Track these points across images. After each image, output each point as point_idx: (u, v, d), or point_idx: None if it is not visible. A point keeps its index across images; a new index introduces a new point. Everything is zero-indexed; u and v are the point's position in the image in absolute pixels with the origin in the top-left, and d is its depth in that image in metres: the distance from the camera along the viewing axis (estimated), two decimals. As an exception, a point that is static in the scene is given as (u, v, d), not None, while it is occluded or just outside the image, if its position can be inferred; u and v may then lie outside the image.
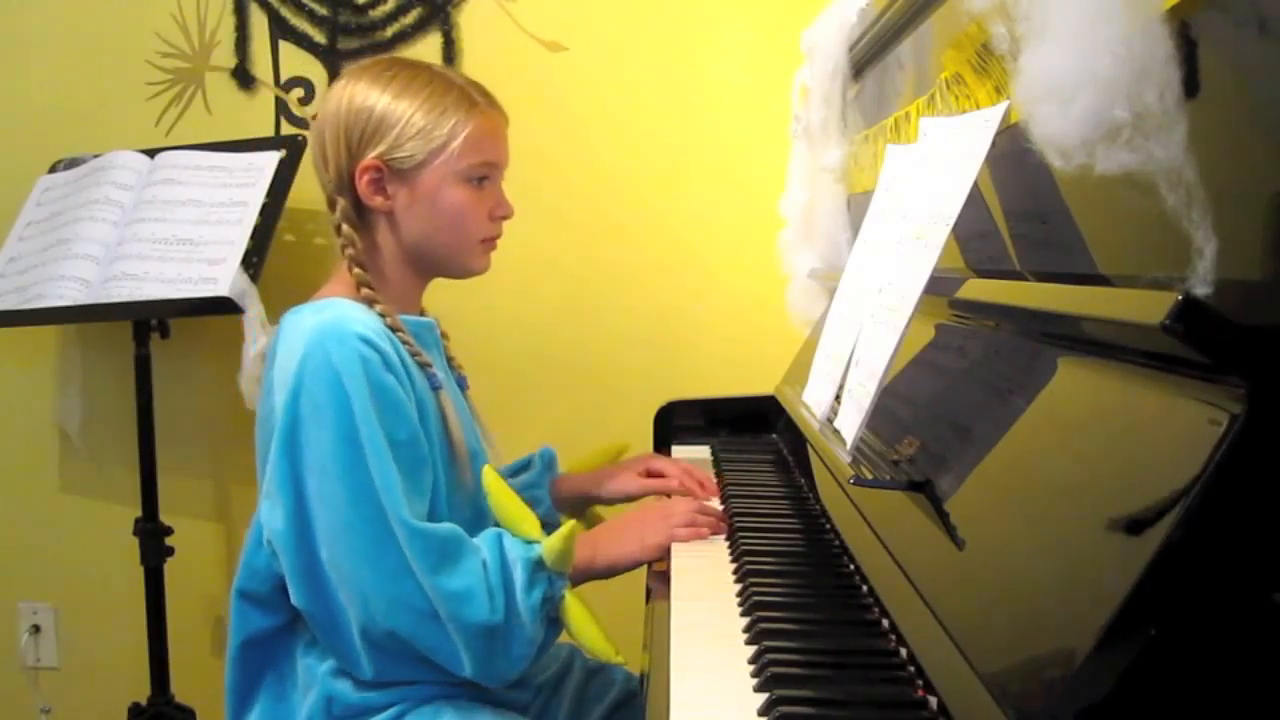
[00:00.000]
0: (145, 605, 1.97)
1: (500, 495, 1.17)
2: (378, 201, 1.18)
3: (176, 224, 1.92)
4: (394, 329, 1.17)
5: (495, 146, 1.23)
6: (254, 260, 1.89)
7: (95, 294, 1.88)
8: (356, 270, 1.18)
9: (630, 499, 1.45)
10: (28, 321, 1.95)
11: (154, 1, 2.12)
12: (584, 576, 1.17)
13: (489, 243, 1.25)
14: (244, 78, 2.12)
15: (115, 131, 2.11)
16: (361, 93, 1.17)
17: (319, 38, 2.10)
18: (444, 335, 1.32)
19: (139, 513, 1.98)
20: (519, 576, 1.09)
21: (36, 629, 2.24)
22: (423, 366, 1.19)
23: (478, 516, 1.21)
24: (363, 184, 1.17)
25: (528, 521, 1.15)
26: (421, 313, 1.29)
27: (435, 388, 1.19)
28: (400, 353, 1.14)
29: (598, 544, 1.20)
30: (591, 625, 1.13)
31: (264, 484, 1.11)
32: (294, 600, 1.10)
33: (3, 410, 2.22)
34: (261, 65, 2.13)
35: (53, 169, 2.10)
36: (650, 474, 1.43)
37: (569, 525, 1.12)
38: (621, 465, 1.48)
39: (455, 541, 1.08)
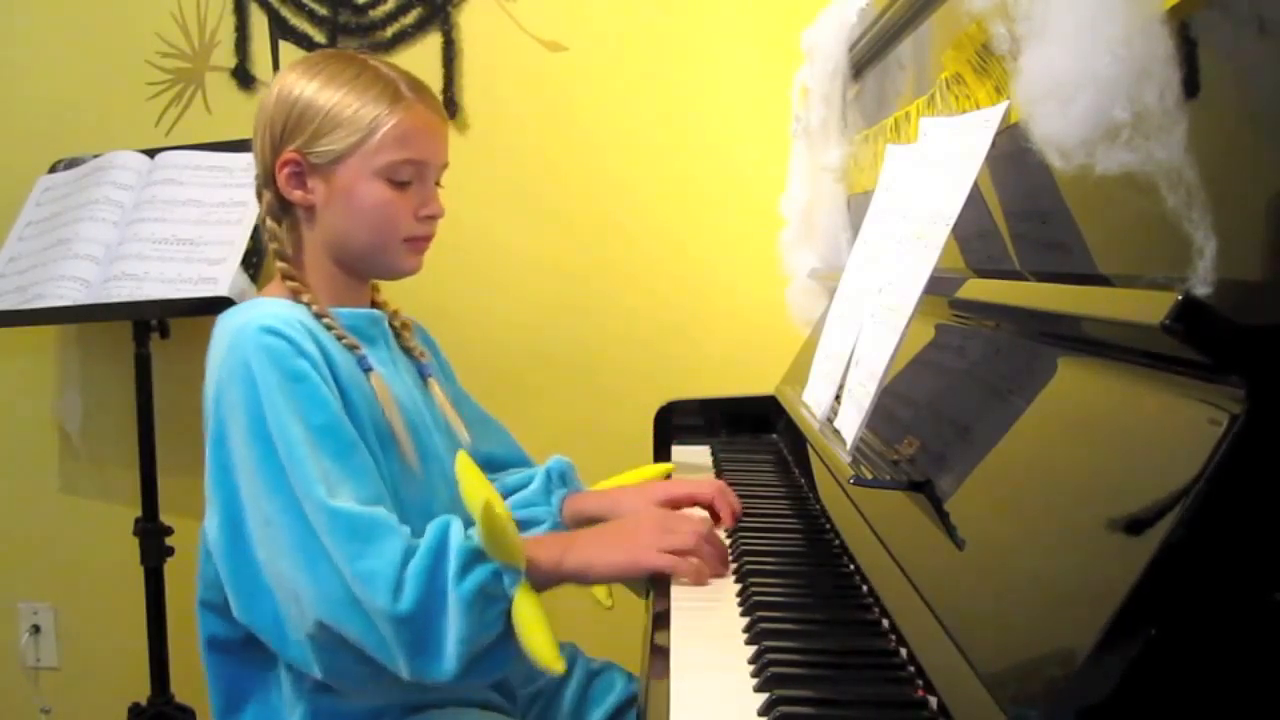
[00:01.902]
0: (145, 605, 1.96)
1: (468, 482, 1.09)
2: (297, 195, 1.16)
3: (176, 224, 1.92)
4: (319, 315, 1.15)
5: (421, 143, 1.18)
6: (254, 260, 1.89)
7: (95, 294, 1.88)
8: (280, 264, 1.17)
9: None
10: (28, 321, 1.94)
11: (154, 1, 2.12)
12: (551, 578, 1.06)
13: (415, 243, 1.20)
14: (244, 78, 2.12)
15: (115, 131, 2.11)
16: (290, 84, 1.16)
17: (319, 38, 2.10)
18: (404, 326, 1.29)
19: (139, 513, 1.98)
20: (451, 565, 1.00)
21: (36, 629, 2.24)
22: (350, 349, 1.15)
23: (429, 504, 1.16)
24: (282, 177, 1.16)
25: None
26: (373, 305, 1.27)
27: (365, 369, 1.15)
28: (320, 340, 1.11)
29: (573, 543, 1.10)
30: (537, 629, 1.01)
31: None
32: (235, 614, 1.07)
33: (3, 410, 2.22)
34: (261, 65, 2.12)
35: (53, 169, 2.10)
36: (673, 504, 1.26)
37: (491, 503, 1.01)
38: (641, 490, 1.31)
39: (374, 523, 1.01)
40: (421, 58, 2.06)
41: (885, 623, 0.90)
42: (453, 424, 1.28)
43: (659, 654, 0.90)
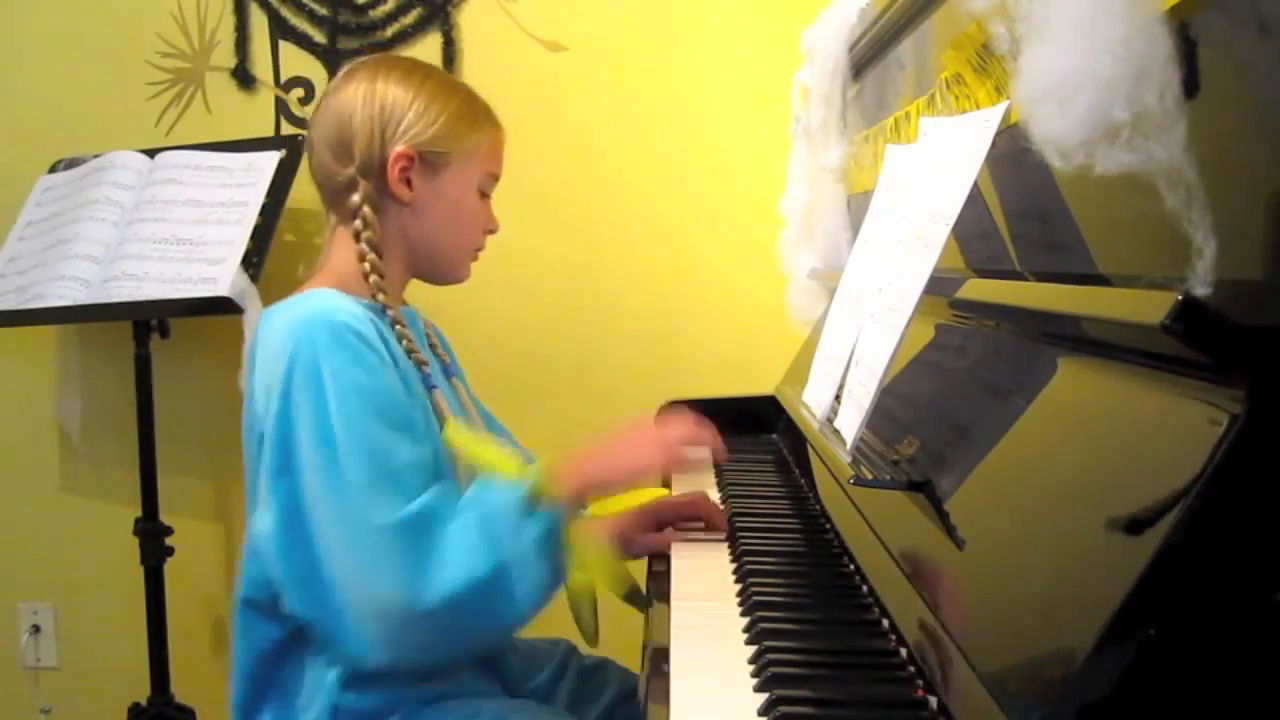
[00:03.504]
0: (145, 605, 1.97)
1: (470, 446, 1.14)
2: (403, 191, 1.18)
3: (176, 224, 1.92)
4: (395, 321, 1.17)
5: (501, 163, 1.27)
6: (254, 260, 1.89)
7: (95, 294, 1.88)
8: (371, 256, 1.18)
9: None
10: (28, 321, 1.95)
11: (154, 1, 2.12)
12: (578, 504, 1.13)
13: (476, 253, 1.28)
14: (244, 78, 2.12)
15: (115, 131, 2.11)
16: (397, 83, 1.19)
17: (319, 38, 2.10)
18: (427, 326, 1.33)
19: (139, 513, 1.98)
20: (507, 522, 1.04)
21: (36, 629, 2.24)
22: (419, 365, 1.18)
23: None
24: (394, 171, 1.17)
25: (505, 464, 1.11)
26: (403, 304, 1.29)
27: (430, 387, 1.18)
28: (391, 343, 1.13)
29: (585, 469, 1.12)
30: (603, 559, 1.13)
31: (257, 491, 1.10)
32: (292, 607, 1.08)
33: (3, 410, 2.22)
34: (261, 65, 2.13)
35: (53, 169, 2.10)
36: (660, 525, 1.29)
37: (544, 462, 1.09)
38: (637, 520, 1.30)
39: (427, 517, 1.04)
40: (421, 58, 2.06)
41: (885, 623, 0.90)
42: (472, 422, 1.30)
43: (658, 653, 0.90)
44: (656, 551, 1.27)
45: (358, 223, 1.18)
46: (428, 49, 2.07)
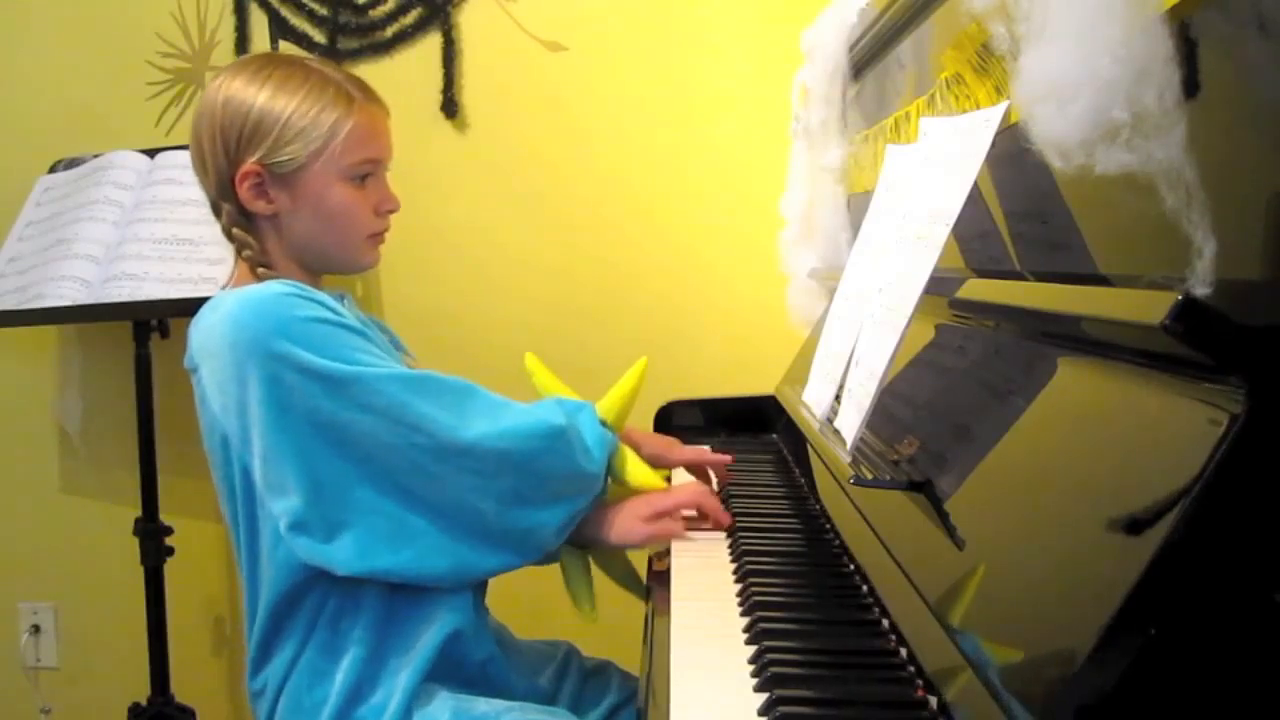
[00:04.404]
0: (145, 605, 1.97)
1: (545, 378, 1.35)
2: (260, 206, 1.16)
3: (176, 224, 1.92)
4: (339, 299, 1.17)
5: (376, 142, 1.20)
6: (254, 260, 1.89)
7: (95, 294, 1.88)
8: (261, 270, 1.17)
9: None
10: (28, 321, 1.95)
11: (154, 1, 2.12)
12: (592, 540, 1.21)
13: (376, 238, 1.23)
14: (244, 78, 2.12)
15: (115, 131, 2.11)
16: (237, 93, 1.15)
17: (319, 38, 2.10)
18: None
19: (139, 513, 1.98)
20: (575, 405, 1.24)
21: (36, 629, 2.24)
22: (380, 328, 1.22)
23: None
24: (244, 190, 1.15)
25: (574, 396, 1.26)
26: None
27: (400, 349, 1.22)
28: (344, 312, 1.13)
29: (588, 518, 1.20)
30: (639, 467, 1.25)
31: (263, 484, 1.09)
32: (346, 568, 1.07)
33: (3, 410, 2.22)
34: (261, 65, 2.12)
35: (53, 169, 2.10)
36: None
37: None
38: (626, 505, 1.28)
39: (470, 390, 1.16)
40: (421, 58, 2.06)
41: (885, 623, 0.90)
42: None
43: (658, 653, 0.90)
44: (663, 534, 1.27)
45: (235, 244, 1.18)
46: (428, 49, 2.07)
